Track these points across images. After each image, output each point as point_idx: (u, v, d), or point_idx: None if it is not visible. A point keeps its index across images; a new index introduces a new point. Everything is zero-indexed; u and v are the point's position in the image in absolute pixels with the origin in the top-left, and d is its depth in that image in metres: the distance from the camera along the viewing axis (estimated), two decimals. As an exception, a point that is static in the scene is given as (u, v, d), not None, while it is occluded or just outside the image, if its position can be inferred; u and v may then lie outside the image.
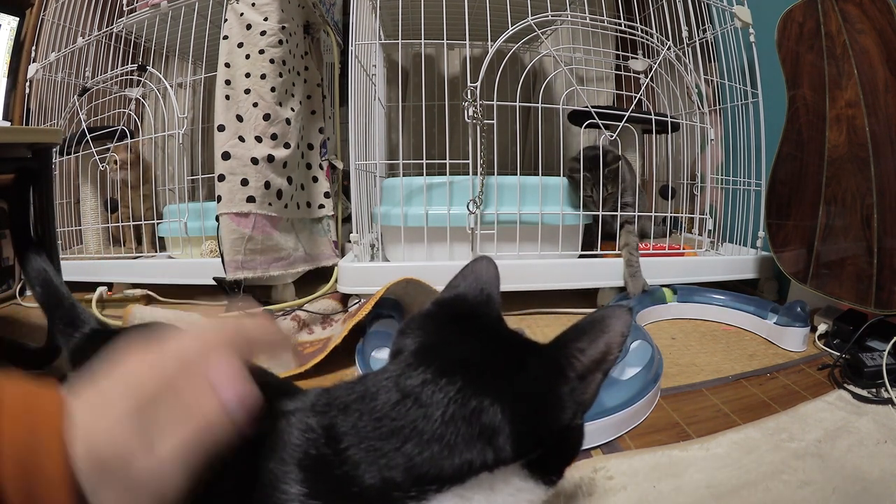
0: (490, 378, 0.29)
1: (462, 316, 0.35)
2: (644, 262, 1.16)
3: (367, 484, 0.26)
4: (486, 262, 0.39)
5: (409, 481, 0.26)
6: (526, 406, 0.29)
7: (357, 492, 0.26)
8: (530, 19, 1.11)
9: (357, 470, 0.27)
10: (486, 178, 1.09)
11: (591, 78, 1.70)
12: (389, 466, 0.27)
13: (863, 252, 0.89)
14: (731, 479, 0.54)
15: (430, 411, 0.28)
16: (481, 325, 0.35)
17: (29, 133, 0.96)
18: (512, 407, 0.28)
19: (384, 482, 0.26)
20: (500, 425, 0.28)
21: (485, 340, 0.33)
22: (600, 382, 0.32)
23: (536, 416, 0.29)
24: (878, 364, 0.74)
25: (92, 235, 1.53)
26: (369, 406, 0.29)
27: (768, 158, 1.20)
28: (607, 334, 0.31)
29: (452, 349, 0.32)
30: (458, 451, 0.27)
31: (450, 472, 0.27)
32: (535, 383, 0.30)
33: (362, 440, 0.28)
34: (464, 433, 0.27)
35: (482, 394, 0.28)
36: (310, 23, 1.39)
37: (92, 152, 1.38)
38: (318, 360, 0.84)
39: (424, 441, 0.27)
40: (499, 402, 0.28)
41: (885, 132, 0.87)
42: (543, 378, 0.30)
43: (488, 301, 0.37)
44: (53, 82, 1.53)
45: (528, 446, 0.29)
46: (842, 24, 0.93)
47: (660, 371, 0.76)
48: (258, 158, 1.13)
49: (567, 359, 0.31)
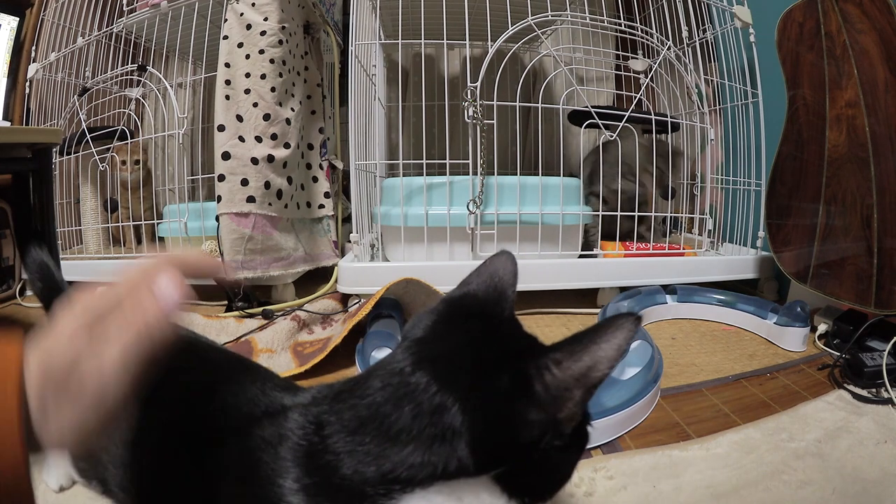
0: (458, 377, 0.28)
1: (465, 314, 0.33)
2: (644, 262, 1.16)
3: (345, 475, 0.27)
4: (505, 258, 0.37)
5: (377, 477, 0.26)
6: (484, 415, 0.27)
7: (338, 483, 0.27)
8: (530, 19, 1.11)
9: (338, 460, 0.27)
10: (486, 178, 1.09)
11: (591, 78, 1.70)
12: (362, 460, 0.27)
13: (863, 252, 0.89)
14: (731, 479, 0.54)
15: (401, 403, 0.27)
16: (480, 323, 0.33)
17: (29, 133, 0.96)
18: (472, 413, 0.27)
19: (358, 476, 0.26)
20: (459, 429, 0.26)
21: (471, 340, 0.31)
22: (581, 400, 0.28)
23: (494, 428, 0.27)
24: (878, 364, 0.74)
25: (92, 235, 1.53)
26: (354, 397, 0.29)
27: (768, 158, 1.20)
28: (596, 347, 0.27)
29: (432, 345, 0.30)
30: (422, 450, 0.26)
31: (413, 471, 0.26)
32: (498, 392, 0.27)
33: (343, 431, 0.28)
34: (428, 431, 0.26)
35: (447, 392, 0.27)
36: (310, 23, 1.39)
37: (92, 152, 1.38)
38: (318, 359, 0.84)
39: (392, 435, 0.27)
40: (460, 404, 0.27)
41: (885, 132, 0.87)
42: (507, 388, 0.27)
43: (499, 299, 0.35)
44: (53, 82, 1.53)
45: (488, 459, 0.27)
46: (842, 24, 0.93)
47: (660, 371, 0.76)
48: (258, 158, 1.13)
49: (538, 370, 0.27)
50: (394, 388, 0.28)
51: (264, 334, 0.96)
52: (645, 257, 1.20)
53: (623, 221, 1.29)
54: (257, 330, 0.99)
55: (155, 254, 0.29)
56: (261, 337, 0.95)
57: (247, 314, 1.09)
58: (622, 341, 0.27)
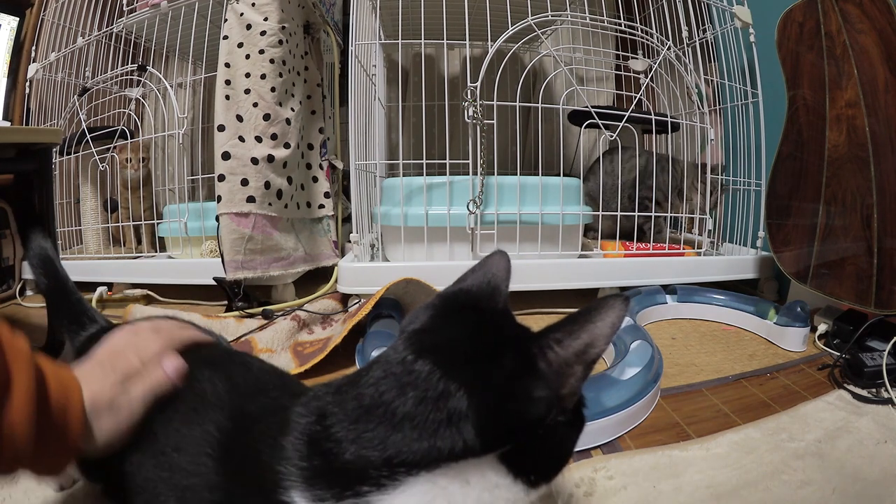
0: (461, 364, 0.29)
1: (460, 307, 0.35)
2: (644, 262, 1.16)
3: (347, 460, 0.27)
4: (499, 256, 0.39)
5: (381, 461, 0.27)
6: (491, 395, 0.28)
7: (339, 468, 0.27)
8: (530, 19, 1.11)
9: (340, 447, 0.28)
10: (486, 178, 1.09)
11: (591, 78, 1.70)
12: (366, 445, 0.27)
13: (863, 252, 0.89)
14: (731, 479, 0.54)
15: (404, 391, 0.28)
16: (476, 315, 0.34)
17: (29, 133, 0.96)
18: (478, 395, 0.28)
19: (361, 460, 0.27)
20: (465, 412, 0.27)
21: (469, 329, 0.32)
22: (582, 376, 0.30)
23: (502, 407, 0.28)
24: (878, 364, 0.74)
25: (92, 235, 1.53)
26: (357, 388, 0.30)
27: (768, 158, 1.20)
28: (592, 325, 0.29)
29: (432, 335, 0.32)
30: (427, 435, 0.27)
31: (418, 455, 0.27)
32: (503, 373, 0.29)
33: (345, 419, 0.29)
34: (432, 417, 0.27)
35: (450, 378, 0.28)
36: (310, 23, 1.39)
37: (92, 152, 1.38)
38: (318, 359, 0.84)
39: (396, 421, 0.28)
40: (465, 389, 0.28)
41: (885, 132, 0.87)
42: (511, 368, 0.29)
43: (493, 294, 0.36)
44: (53, 82, 1.53)
45: (495, 438, 0.28)
46: (842, 24, 0.93)
47: (660, 371, 0.76)
48: (258, 158, 1.13)
49: (541, 349, 0.29)
50: (396, 377, 0.29)
51: (264, 334, 0.96)
52: (645, 257, 1.20)
53: (623, 221, 1.29)
54: (257, 330, 0.99)
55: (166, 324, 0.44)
56: (261, 337, 0.95)
57: (247, 314, 1.09)
58: (615, 319, 0.29)
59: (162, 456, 0.34)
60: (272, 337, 0.95)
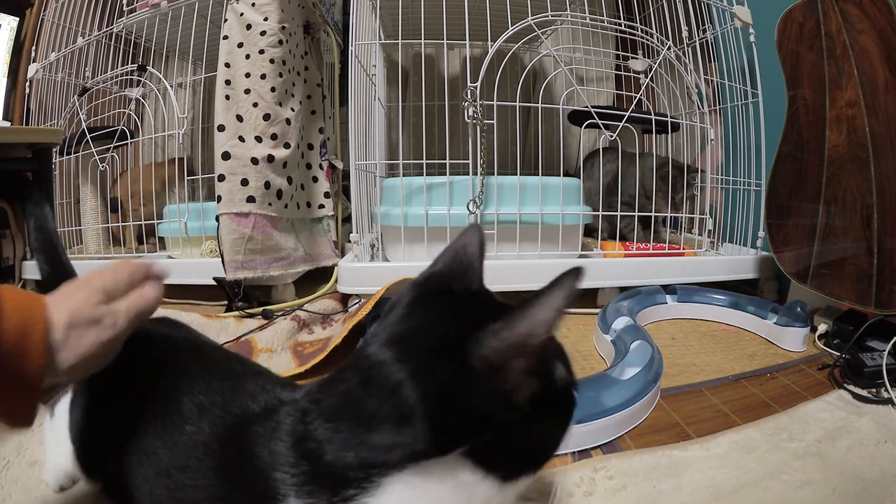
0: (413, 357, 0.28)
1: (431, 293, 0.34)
2: (644, 262, 1.16)
3: (328, 461, 0.27)
4: (470, 232, 0.37)
5: (356, 463, 0.27)
6: (433, 392, 0.27)
7: (323, 470, 0.27)
8: (530, 19, 1.11)
9: (321, 447, 0.28)
10: (486, 178, 1.09)
11: (591, 78, 1.70)
12: (341, 446, 0.27)
13: (863, 252, 0.89)
14: (731, 479, 0.54)
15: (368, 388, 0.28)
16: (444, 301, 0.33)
17: (29, 133, 0.96)
18: (424, 392, 0.27)
19: (340, 461, 0.27)
20: (416, 409, 0.26)
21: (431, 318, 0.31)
22: (527, 369, 0.27)
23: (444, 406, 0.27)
24: (878, 364, 0.74)
25: (92, 235, 1.53)
26: (332, 385, 0.30)
27: (768, 158, 1.20)
28: (533, 312, 0.26)
29: (395, 328, 0.31)
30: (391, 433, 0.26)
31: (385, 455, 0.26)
32: (443, 370, 0.27)
33: (321, 418, 0.29)
34: (393, 414, 0.27)
35: (404, 372, 0.28)
36: (310, 23, 1.39)
37: (92, 152, 1.38)
38: (318, 360, 0.84)
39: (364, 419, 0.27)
40: (414, 384, 0.27)
41: (885, 132, 0.87)
42: (448, 365, 0.27)
43: (465, 273, 0.35)
44: (53, 82, 1.53)
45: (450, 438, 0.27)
46: (842, 24, 0.93)
47: (660, 371, 0.76)
48: (258, 158, 1.13)
49: (473, 345, 0.27)
50: (362, 372, 0.29)
51: (264, 334, 0.96)
52: (645, 257, 1.20)
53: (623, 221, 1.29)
54: (257, 330, 0.99)
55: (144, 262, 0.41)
56: (261, 337, 0.95)
57: (247, 314, 1.09)
58: (560, 301, 0.26)
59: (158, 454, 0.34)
60: (272, 337, 0.95)
